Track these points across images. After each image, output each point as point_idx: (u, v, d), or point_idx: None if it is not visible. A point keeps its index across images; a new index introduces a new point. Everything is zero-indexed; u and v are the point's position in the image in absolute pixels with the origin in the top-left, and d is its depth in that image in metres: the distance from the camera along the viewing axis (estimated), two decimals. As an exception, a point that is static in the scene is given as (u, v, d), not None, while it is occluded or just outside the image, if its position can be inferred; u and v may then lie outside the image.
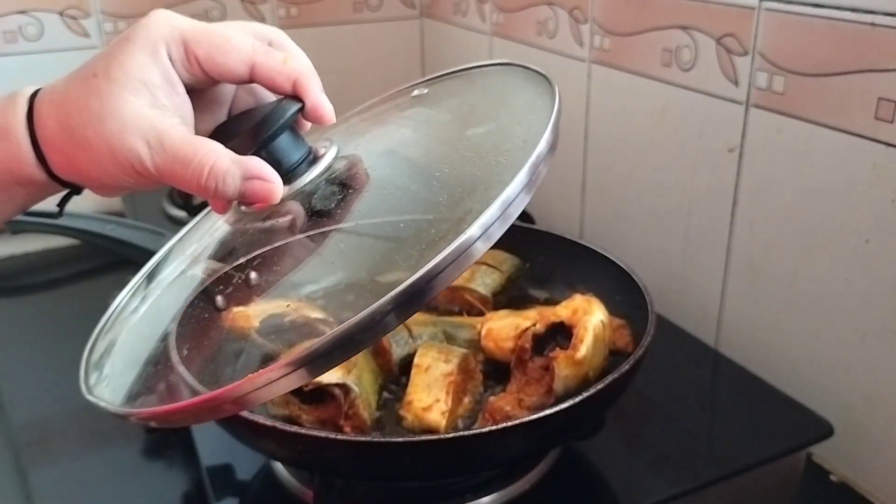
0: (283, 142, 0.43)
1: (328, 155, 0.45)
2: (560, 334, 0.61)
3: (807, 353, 0.73)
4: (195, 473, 0.66)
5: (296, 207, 0.43)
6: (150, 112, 0.39)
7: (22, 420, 0.77)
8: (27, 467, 0.69)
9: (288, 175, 0.43)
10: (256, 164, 0.41)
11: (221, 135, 0.42)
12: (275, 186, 0.41)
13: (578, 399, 0.52)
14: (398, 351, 0.63)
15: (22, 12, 1.12)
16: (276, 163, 0.42)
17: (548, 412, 0.51)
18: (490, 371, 0.65)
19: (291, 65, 0.42)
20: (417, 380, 0.59)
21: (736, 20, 0.74)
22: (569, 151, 1.02)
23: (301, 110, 0.43)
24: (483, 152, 0.45)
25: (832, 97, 0.66)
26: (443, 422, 0.57)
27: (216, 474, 0.63)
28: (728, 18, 0.75)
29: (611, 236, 0.98)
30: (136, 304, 0.50)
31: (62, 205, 0.46)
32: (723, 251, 0.81)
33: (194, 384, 0.41)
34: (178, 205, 1.14)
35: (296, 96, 0.43)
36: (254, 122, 0.43)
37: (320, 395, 0.57)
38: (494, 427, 0.50)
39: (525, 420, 0.51)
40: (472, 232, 0.36)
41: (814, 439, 0.66)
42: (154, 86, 0.40)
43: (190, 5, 1.20)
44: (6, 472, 0.71)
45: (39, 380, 0.83)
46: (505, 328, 0.65)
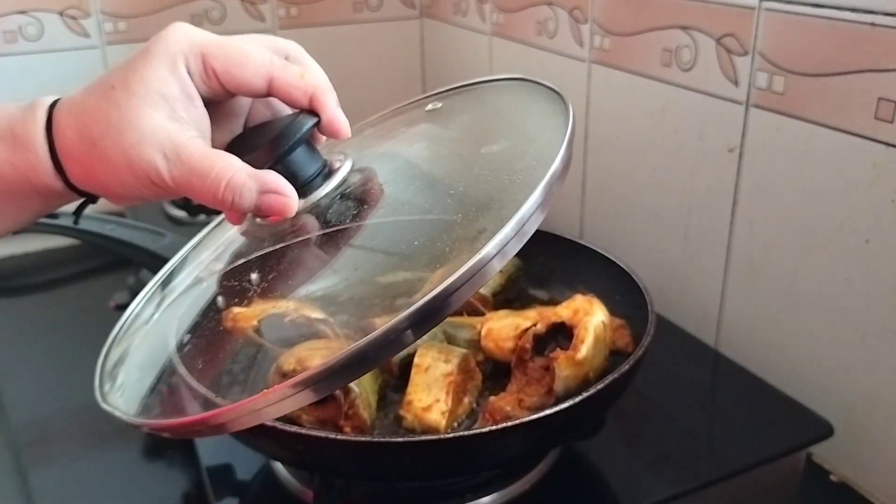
0: (299, 156, 0.43)
1: (343, 169, 0.45)
2: (561, 334, 0.61)
3: (807, 353, 0.73)
4: (195, 473, 0.66)
5: (311, 221, 0.44)
6: (168, 125, 0.40)
7: (22, 420, 0.77)
8: (27, 467, 0.70)
9: (303, 188, 0.43)
10: (273, 179, 0.42)
11: (238, 147, 0.43)
12: (290, 200, 0.42)
13: (578, 399, 0.52)
14: (398, 351, 0.63)
15: (22, 12, 1.12)
16: (292, 176, 0.43)
17: (548, 412, 0.51)
18: (490, 371, 0.65)
19: (308, 79, 0.43)
20: (417, 380, 0.59)
21: (736, 20, 0.74)
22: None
23: (317, 125, 0.43)
24: (497, 170, 0.45)
25: (832, 97, 0.66)
26: (443, 422, 0.57)
27: (216, 474, 0.63)
28: (728, 18, 0.75)
29: (611, 236, 0.98)
30: (151, 312, 0.50)
31: (78, 213, 0.46)
32: (723, 251, 0.81)
33: (207, 395, 0.42)
34: (178, 205, 1.14)
35: (312, 110, 0.43)
36: (270, 137, 0.43)
37: (320, 395, 0.57)
38: (494, 427, 0.50)
39: (525, 420, 0.51)
40: (489, 250, 0.37)
41: (814, 439, 0.66)
42: (172, 98, 0.40)
43: (190, 5, 1.20)
44: (6, 472, 0.71)
45: (39, 380, 0.82)
46: (505, 328, 0.65)
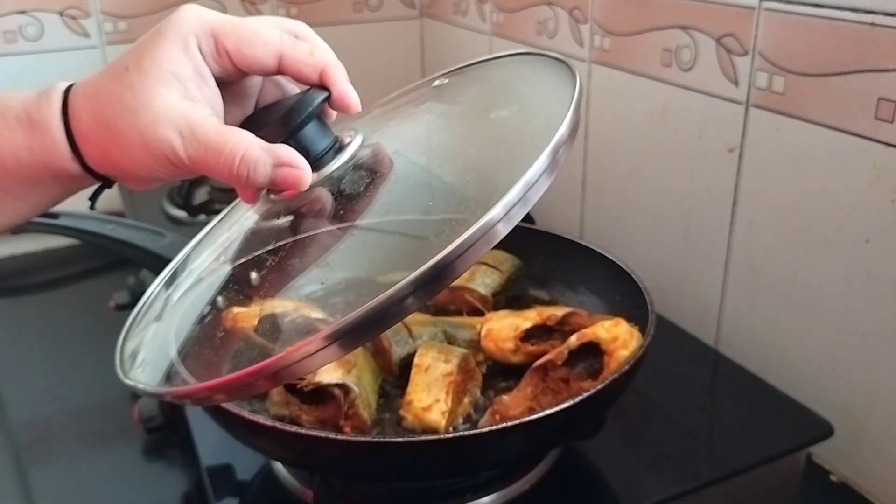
0: (311, 131, 0.44)
1: (353, 143, 0.46)
2: (592, 352, 0.60)
3: (807, 353, 0.73)
4: (195, 473, 0.66)
5: (324, 194, 0.44)
6: (182, 104, 0.40)
7: (22, 420, 0.77)
8: (27, 467, 0.70)
9: (315, 163, 0.44)
10: (286, 152, 0.42)
11: (250, 125, 0.43)
12: (304, 173, 0.42)
13: (578, 399, 0.52)
14: (398, 351, 0.63)
15: (22, 12, 1.12)
16: (304, 151, 0.43)
17: (548, 412, 0.51)
18: (490, 371, 0.65)
19: (318, 56, 0.44)
20: (417, 380, 0.59)
21: (736, 20, 0.74)
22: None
23: (328, 100, 0.44)
24: (505, 136, 0.46)
25: (832, 97, 0.66)
26: (443, 422, 0.57)
27: (216, 474, 0.63)
28: (728, 18, 0.75)
29: (611, 236, 0.98)
30: (171, 293, 0.51)
31: (94, 198, 0.47)
32: (723, 251, 0.81)
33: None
34: (178, 205, 1.14)
35: (322, 86, 0.44)
36: (282, 112, 0.44)
37: (320, 396, 0.57)
38: (494, 427, 0.50)
39: (525, 420, 0.51)
40: (496, 213, 0.37)
41: (814, 439, 0.66)
42: (185, 78, 0.41)
43: (190, 5, 1.20)
44: (6, 472, 0.71)
45: (39, 380, 0.83)
46: (505, 328, 0.65)
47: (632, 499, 0.61)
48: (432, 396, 0.58)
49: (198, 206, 1.13)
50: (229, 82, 0.44)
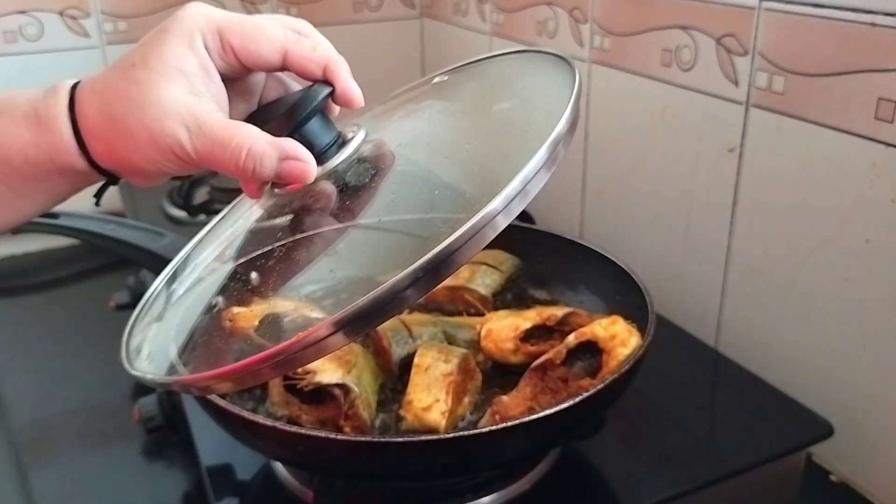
0: (315, 125, 0.45)
1: (356, 138, 0.46)
2: (589, 349, 0.60)
3: (807, 353, 0.73)
4: (195, 473, 0.66)
5: (328, 187, 0.45)
6: (188, 98, 0.41)
7: (22, 420, 0.77)
8: (27, 467, 0.70)
9: (319, 157, 0.44)
10: (291, 145, 0.43)
11: (255, 120, 0.44)
12: (309, 166, 0.43)
13: (578, 399, 0.52)
14: (398, 351, 0.63)
15: (22, 12, 1.12)
16: (309, 145, 0.44)
17: (548, 412, 0.50)
18: (490, 371, 0.65)
19: (321, 52, 0.44)
20: (417, 380, 0.59)
21: (736, 20, 0.74)
22: (569, 151, 1.01)
23: (331, 95, 0.44)
24: (505, 132, 0.46)
25: (832, 97, 0.66)
26: (443, 422, 0.57)
27: (216, 474, 0.63)
28: (728, 18, 0.75)
29: (611, 236, 0.98)
30: (175, 287, 0.51)
31: (99, 195, 0.47)
32: (723, 251, 0.81)
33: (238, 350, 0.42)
34: (178, 205, 1.14)
35: (326, 81, 0.44)
36: (287, 107, 0.44)
37: (320, 396, 0.57)
38: (494, 427, 0.50)
39: (525, 420, 0.51)
40: (496, 205, 0.38)
41: (814, 439, 0.66)
42: (191, 74, 0.41)
43: (190, 5, 1.20)
44: (6, 472, 0.71)
45: (39, 380, 0.83)
46: (505, 329, 0.65)
47: (632, 499, 0.61)
48: (432, 396, 0.58)
49: (198, 206, 1.13)
50: (234, 79, 0.45)
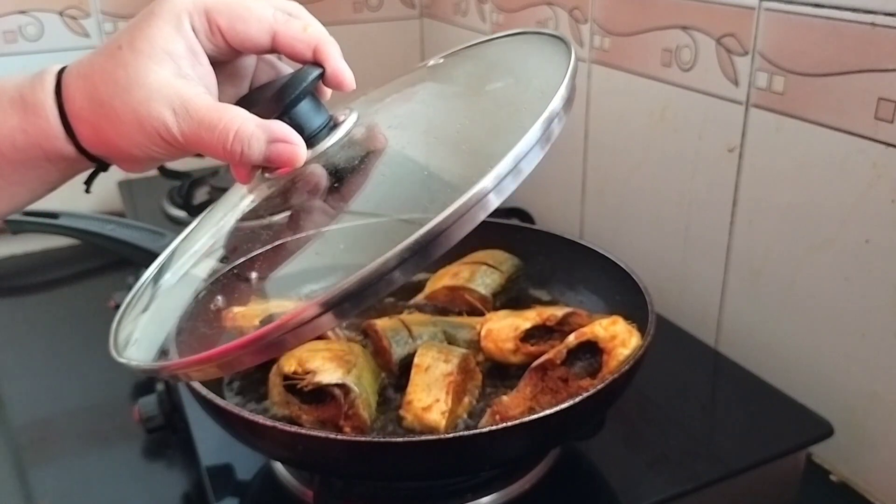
0: (305, 108, 0.44)
1: (348, 121, 0.46)
2: (589, 350, 0.60)
3: (807, 353, 0.73)
4: (195, 473, 0.66)
5: (318, 170, 0.44)
6: (175, 81, 0.40)
7: (22, 420, 0.77)
8: (27, 467, 0.70)
9: (309, 140, 0.44)
10: (280, 128, 0.42)
11: (245, 104, 0.43)
12: (299, 149, 0.42)
13: (578, 399, 0.52)
14: (398, 351, 0.63)
15: (22, 12, 1.12)
16: (299, 128, 0.43)
17: (548, 412, 0.50)
18: (490, 371, 0.65)
19: (311, 32, 0.44)
20: (417, 380, 0.59)
21: (736, 20, 0.74)
22: (569, 152, 1.02)
23: (322, 76, 0.44)
24: (500, 110, 0.46)
25: (832, 97, 0.66)
26: (443, 422, 0.57)
27: (216, 474, 0.63)
28: (728, 18, 0.75)
29: (611, 236, 0.98)
30: (164, 279, 0.51)
31: (89, 182, 0.47)
32: (723, 251, 0.81)
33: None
34: (178, 205, 1.14)
35: (316, 63, 0.44)
36: (276, 89, 0.44)
37: (320, 395, 0.57)
38: (494, 427, 0.50)
39: (525, 420, 0.51)
40: (486, 183, 0.37)
41: (814, 439, 0.66)
42: (178, 56, 0.41)
43: (190, 5, 1.20)
44: (6, 472, 0.71)
45: (39, 380, 0.83)
46: (505, 329, 0.65)
47: (632, 499, 0.61)
48: (432, 396, 0.58)
49: (198, 206, 1.13)
50: (223, 61, 0.44)
